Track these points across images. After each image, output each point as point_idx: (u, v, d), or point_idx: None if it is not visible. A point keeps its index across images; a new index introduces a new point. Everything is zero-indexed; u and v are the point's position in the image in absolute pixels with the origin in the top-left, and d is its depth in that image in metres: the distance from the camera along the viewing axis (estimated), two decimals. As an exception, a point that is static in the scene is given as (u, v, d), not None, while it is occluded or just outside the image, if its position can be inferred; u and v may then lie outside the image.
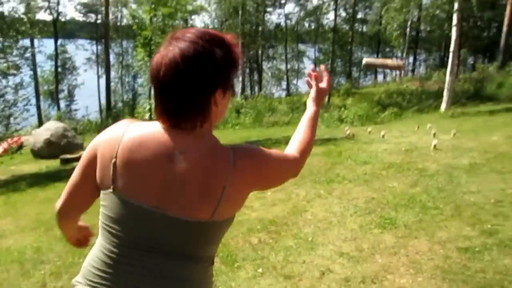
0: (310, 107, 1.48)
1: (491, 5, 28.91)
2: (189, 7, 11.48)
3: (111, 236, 1.15)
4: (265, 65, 37.84)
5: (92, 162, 1.18)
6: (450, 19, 14.80)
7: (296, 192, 5.32)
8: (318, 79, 1.50)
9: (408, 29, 28.72)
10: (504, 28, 22.70)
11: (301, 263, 3.58)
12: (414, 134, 8.73)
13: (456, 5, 13.16)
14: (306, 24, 39.75)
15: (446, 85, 13.84)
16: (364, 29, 38.97)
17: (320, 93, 1.49)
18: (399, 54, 34.88)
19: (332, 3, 29.15)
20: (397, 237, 3.91)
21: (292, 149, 1.34)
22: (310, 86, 1.54)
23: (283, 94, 35.23)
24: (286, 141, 6.20)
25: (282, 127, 14.12)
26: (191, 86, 1.09)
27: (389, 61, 1.95)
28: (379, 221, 4.27)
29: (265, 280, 3.37)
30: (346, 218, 4.44)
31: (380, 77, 38.03)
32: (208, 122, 1.14)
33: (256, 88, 35.24)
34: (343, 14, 35.48)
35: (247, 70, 32.39)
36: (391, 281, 3.22)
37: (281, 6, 35.28)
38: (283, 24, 37.16)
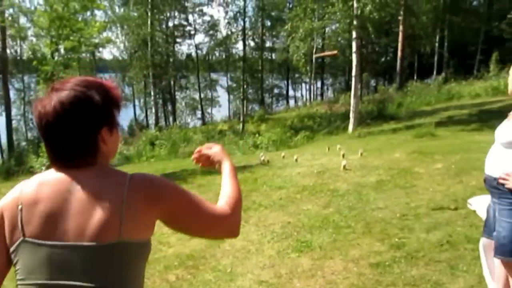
0: (223, 165, 1.51)
1: (386, 32, 31.46)
2: (95, 40, 11.07)
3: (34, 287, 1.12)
4: (179, 95, 37.67)
5: (0, 225, 1.17)
6: (351, 46, 15.82)
7: (213, 223, 5.25)
8: (207, 149, 1.59)
9: (314, 56, 30.29)
10: (399, 53, 24.76)
11: (221, 296, 3.52)
12: (325, 156, 9.08)
13: (354, 34, 14.13)
14: (217, 54, 40.35)
15: (351, 108, 14.68)
16: (273, 56, 40.39)
17: (217, 153, 1.57)
18: (308, 80, 36.56)
19: (240, 33, 29.89)
20: (313, 260, 3.99)
21: (221, 204, 1.32)
22: (206, 160, 1.59)
23: (199, 123, 35.20)
24: (202, 171, 6.15)
25: (198, 157, 14.02)
26: (75, 129, 1.16)
27: (327, 52, 2.87)
28: (296, 245, 4.33)
29: (185, 318, 3.26)
30: (264, 245, 4.46)
31: (291, 102, 39.42)
32: (100, 158, 1.21)
33: (171, 119, 34.87)
34: (252, 43, 36.59)
35: (160, 101, 31.92)
36: (309, 304, 3.26)
37: (191, 37, 35.57)
38: (194, 54, 37.44)
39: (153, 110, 26.56)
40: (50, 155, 1.20)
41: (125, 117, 32.15)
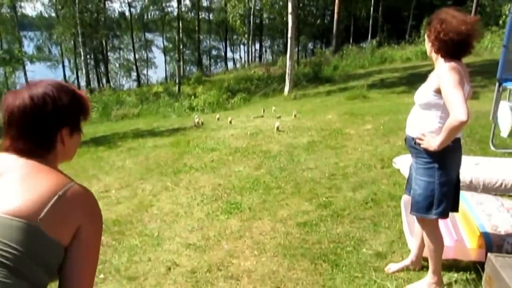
0: None
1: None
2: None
3: None
4: (112, 56, 35.95)
5: None
6: (287, 7, 15.63)
7: (142, 187, 5.09)
8: None
9: (251, 17, 29.79)
10: (335, 16, 24.94)
11: (147, 261, 3.42)
12: (260, 117, 9.05)
13: (290, -6, 13.96)
14: (152, 13, 38.53)
15: (287, 70, 14.66)
16: (211, 17, 39.35)
17: None
18: (246, 42, 36.11)
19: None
20: (242, 221, 3.97)
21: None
22: None
23: (135, 85, 33.95)
24: (133, 134, 5.94)
25: (132, 120, 13.53)
26: (37, 122, 1.24)
27: None
28: (226, 207, 4.29)
29: (107, 285, 3.14)
30: (193, 208, 4.38)
31: (230, 64, 38.93)
32: (53, 155, 1.29)
33: (104, 80, 33.33)
34: (188, 2, 35.23)
35: (92, 62, 30.22)
36: (236, 265, 3.24)
37: (123, -7, 33.74)
38: (127, 13, 35.60)
39: (84, 71, 25.18)
40: (7, 142, 1.26)
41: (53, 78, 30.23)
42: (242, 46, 41.51)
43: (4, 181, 1.18)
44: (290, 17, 14.05)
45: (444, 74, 2.35)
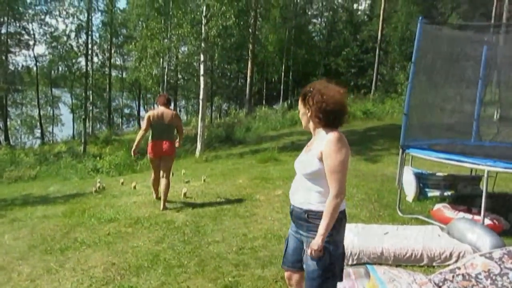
0: None
1: (237, 59, 32.47)
2: None
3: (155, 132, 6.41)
4: (13, 112, 33.58)
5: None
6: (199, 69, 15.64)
7: (19, 270, 4.32)
8: None
9: (165, 77, 29.62)
10: (248, 79, 25.62)
11: None
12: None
13: (202, 57, 13.97)
14: (61, 68, 36.83)
15: (198, 131, 14.40)
16: (124, 75, 38.63)
17: None
18: (160, 101, 35.63)
19: (82, 47, 27.56)
20: (134, 310, 3.41)
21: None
22: None
23: (38, 142, 31.70)
24: (23, 200, 5.11)
25: (27, 183, 12.27)
26: (165, 101, 6.62)
27: None
28: (117, 293, 3.71)
29: None
30: (77, 295, 3.74)
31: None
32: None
33: (3, 137, 30.77)
34: (96, 59, 34.24)
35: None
36: None
37: (29, 47, 32.05)
38: (34, 67, 33.74)
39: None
40: (161, 104, 6.53)
41: None
42: (156, 105, 40.99)
43: (165, 115, 6.39)
44: (202, 79, 14.01)
45: (332, 146, 2.29)
